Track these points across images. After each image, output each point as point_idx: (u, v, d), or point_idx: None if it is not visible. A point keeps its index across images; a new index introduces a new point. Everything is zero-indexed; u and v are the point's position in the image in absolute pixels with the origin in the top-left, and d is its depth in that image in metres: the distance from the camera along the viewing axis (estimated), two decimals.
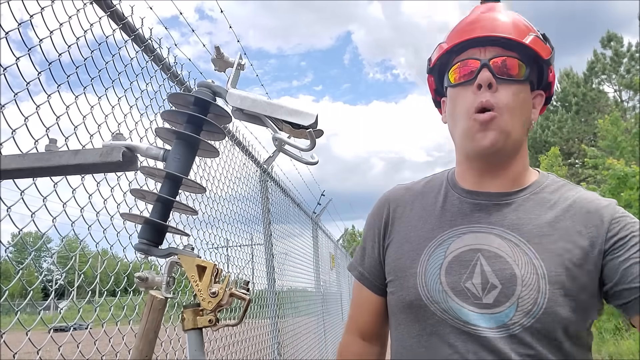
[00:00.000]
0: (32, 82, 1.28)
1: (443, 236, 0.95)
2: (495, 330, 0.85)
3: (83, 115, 1.50)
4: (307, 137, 0.74)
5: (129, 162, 0.69)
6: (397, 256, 1.00)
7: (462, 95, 0.93)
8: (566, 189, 0.97)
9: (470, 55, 0.93)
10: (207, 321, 0.67)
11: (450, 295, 0.89)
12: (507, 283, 0.86)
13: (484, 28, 0.93)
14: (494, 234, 0.91)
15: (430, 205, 1.02)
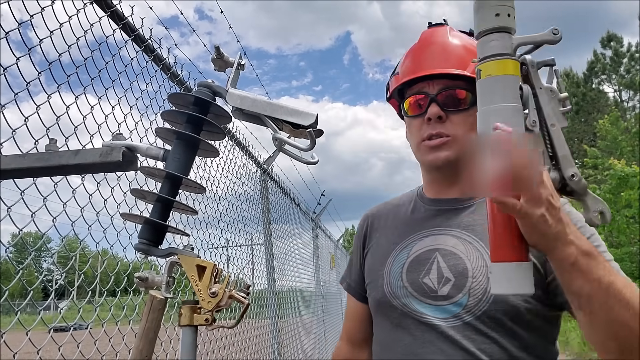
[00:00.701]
0: (32, 82, 1.28)
1: (408, 240, 1.07)
2: (450, 320, 0.94)
3: (83, 115, 1.50)
4: (307, 137, 0.74)
5: (129, 162, 0.69)
6: (372, 262, 1.13)
7: (416, 125, 1.05)
8: None
9: (420, 89, 1.04)
10: (204, 320, 0.67)
11: (410, 290, 1.00)
12: (459, 276, 0.95)
13: (431, 62, 1.03)
14: (450, 235, 1.02)
15: (401, 215, 1.15)
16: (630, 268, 8.57)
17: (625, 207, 8.53)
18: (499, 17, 0.69)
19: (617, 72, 22.56)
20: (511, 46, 0.69)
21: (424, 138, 1.02)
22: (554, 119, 0.72)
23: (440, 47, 1.05)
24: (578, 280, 0.71)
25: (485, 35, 0.71)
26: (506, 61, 0.69)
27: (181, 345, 0.67)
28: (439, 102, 1.01)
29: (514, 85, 0.69)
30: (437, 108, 1.00)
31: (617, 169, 8.23)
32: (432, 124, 1.01)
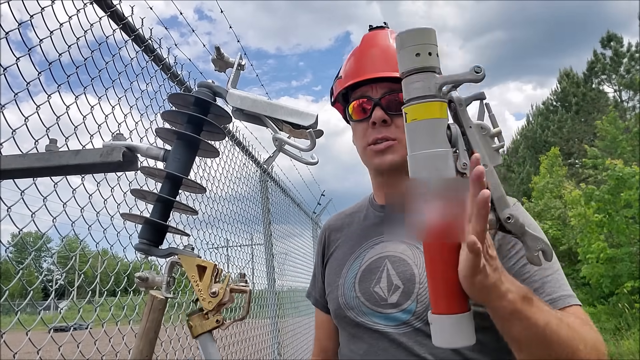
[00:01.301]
0: (32, 82, 1.28)
1: (360, 249, 1.07)
2: (402, 327, 0.95)
3: (83, 116, 1.50)
4: (307, 137, 0.74)
5: (129, 162, 0.69)
6: (328, 274, 1.14)
7: (361, 129, 1.05)
8: None
9: (363, 93, 1.04)
10: (215, 322, 0.67)
11: (362, 300, 1.00)
12: (407, 283, 0.96)
13: (374, 65, 1.03)
14: (399, 241, 1.02)
15: (355, 224, 1.15)
16: (630, 268, 8.56)
17: (625, 207, 8.53)
18: (420, 56, 0.67)
19: (617, 72, 22.55)
20: (435, 86, 0.67)
21: (370, 142, 1.02)
22: (486, 159, 0.70)
23: (381, 51, 1.05)
24: (516, 327, 0.72)
25: (408, 76, 0.68)
26: (431, 104, 0.67)
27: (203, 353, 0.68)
28: (383, 105, 1.01)
29: (441, 128, 0.67)
30: (382, 112, 1.00)
31: (617, 170, 8.23)
32: (377, 128, 1.01)
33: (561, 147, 20.43)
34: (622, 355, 8.00)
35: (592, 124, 16.31)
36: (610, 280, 8.77)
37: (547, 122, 24.24)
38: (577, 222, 9.94)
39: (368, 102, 1.03)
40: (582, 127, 22.20)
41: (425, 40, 0.68)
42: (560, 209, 12.96)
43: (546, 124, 24.29)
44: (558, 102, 24.77)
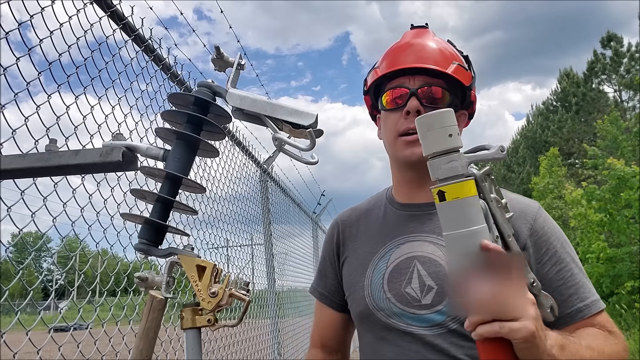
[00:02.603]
0: (32, 82, 1.28)
1: (385, 248, 1.05)
2: (435, 328, 0.93)
3: (83, 116, 1.50)
4: (307, 137, 0.74)
5: (129, 162, 0.69)
6: (349, 273, 1.10)
7: (393, 119, 1.04)
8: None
9: (400, 83, 1.03)
10: (206, 321, 0.67)
11: (393, 301, 0.98)
12: (441, 283, 0.94)
13: (414, 57, 1.03)
14: (427, 241, 1.00)
15: (373, 221, 1.12)
16: (631, 268, 8.56)
17: (625, 207, 8.52)
18: (452, 137, 0.68)
19: (617, 72, 22.54)
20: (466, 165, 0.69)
21: (401, 132, 1.01)
22: (507, 229, 0.72)
23: (420, 46, 1.05)
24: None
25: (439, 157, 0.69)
26: (467, 182, 0.68)
27: (186, 348, 0.67)
28: (419, 96, 1.00)
29: (478, 205, 0.68)
30: (417, 102, 0.99)
31: (617, 170, 8.22)
32: (410, 118, 0.99)
33: (561, 147, 20.42)
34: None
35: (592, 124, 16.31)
36: (610, 280, 8.76)
37: (547, 122, 24.22)
38: (578, 223, 9.93)
39: (404, 93, 1.02)
40: (582, 127, 22.19)
41: (452, 122, 0.69)
42: (561, 209, 12.95)
43: (546, 124, 24.28)
44: (558, 102, 24.76)
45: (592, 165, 10.61)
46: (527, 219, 0.97)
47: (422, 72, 1.01)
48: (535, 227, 0.96)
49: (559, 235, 0.97)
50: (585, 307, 0.92)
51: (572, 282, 0.93)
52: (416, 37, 1.08)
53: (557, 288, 0.92)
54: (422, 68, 1.01)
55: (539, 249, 0.95)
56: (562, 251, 0.95)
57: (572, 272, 0.93)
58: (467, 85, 1.03)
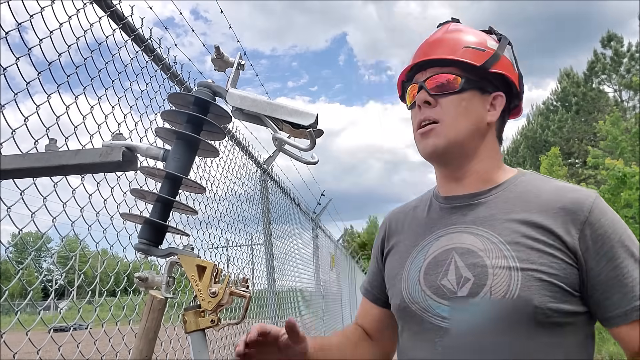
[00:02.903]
0: (31, 82, 1.28)
1: (424, 241, 1.03)
2: (471, 322, 0.89)
3: (83, 116, 1.50)
4: (307, 137, 0.73)
5: (129, 162, 0.69)
6: (391, 266, 1.10)
7: (413, 116, 1.06)
8: (543, 182, 1.00)
9: (415, 80, 1.05)
10: (209, 322, 0.67)
11: (428, 294, 0.96)
12: (479, 274, 0.90)
13: (427, 52, 1.04)
14: (467, 232, 0.97)
15: (419, 217, 1.11)
16: None
17: (625, 207, 8.52)
18: None
19: (617, 72, 22.54)
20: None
21: (417, 126, 1.02)
22: None
23: (435, 40, 1.06)
24: None
25: None
26: None
27: (192, 351, 0.67)
28: (427, 87, 1.00)
29: None
30: (425, 94, 1.00)
31: (617, 170, 8.21)
32: (422, 110, 1.00)
33: (561, 147, 20.41)
34: (623, 355, 7.98)
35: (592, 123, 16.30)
36: None
37: (547, 122, 24.23)
38: None
39: (415, 87, 1.04)
40: (582, 127, 22.19)
41: None
42: None
43: (546, 124, 24.28)
44: (558, 102, 24.76)
45: (593, 165, 10.60)
46: (581, 211, 0.90)
47: (430, 64, 1.02)
48: (591, 220, 0.90)
49: (618, 228, 0.90)
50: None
51: (628, 280, 0.87)
52: (436, 34, 1.08)
53: (612, 286, 0.88)
54: (428, 60, 1.02)
55: (595, 244, 0.89)
56: (620, 246, 0.89)
57: (628, 269, 0.87)
58: (479, 65, 0.99)
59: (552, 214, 0.91)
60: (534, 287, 0.86)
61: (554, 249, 0.88)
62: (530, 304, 0.85)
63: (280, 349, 0.94)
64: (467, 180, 1.03)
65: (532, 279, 0.86)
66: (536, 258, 0.88)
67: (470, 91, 0.99)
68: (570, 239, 0.89)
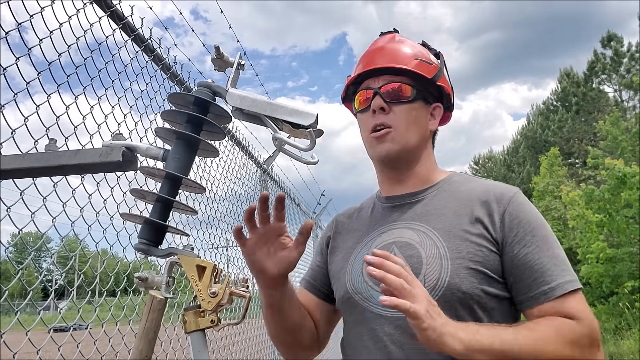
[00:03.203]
0: (31, 82, 1.28)
1: (368, 237, 1.12)
2: None
3: (83, 116, 1.49)
4: (307, 137, 0.73)
5: (129, 162, 0.69)
6: (336, 263, 1.17)
7: (364, 119, 1.11)
8: (473, 182, 1.11)
9: (367, 85, 1.11)
10: (209, 322, 0.67)
11: (370, 284, 1.03)
12: (414, 265, 0.99)
13: (378, 59, 1.10)
14: (406, 227, 1.07)
15: (363, 216, 1.20)
16: (631, 268, 8.55)
17: (625, 207, 8.52)
18: None
19: (617, 72, 22.53)
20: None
21: (370, 130, 1.07)
22: None
23: (383, 48, 1.13)
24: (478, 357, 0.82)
25: None
26: None
27: (192, 350, 0.67)
28: (382, 94, 1.07)
29: None
30: (380, 100, 1.06)
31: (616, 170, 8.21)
32: (376, 116, 1.07)
33: (561, 147, 20.41)
34: (622, 355, 7.99)
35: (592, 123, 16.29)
36: (610, 280, 8.75)
37: (548, 122, 24.22)
38: (576, 223, 9.93)
39: (369, 92, 1.09)
40: (582, 127, 22.18)
41: None
42: (560, 210, 12.95)
43: (546, 124, 24.27)
44: (558, 102, 24.75)
45: (593, 165, 10.60)
46: (502, 203, 1.01)
47: (384, 72, 1.08)
48: (510, 210, 1.00)
49: (532, 219, 1.00)
50: (549, 290, 0.94)
51: (538, 266, 0.96)
52: (384, 42, 1.16)
53: (524, 271, 0.96)
54: (383, 68, 1.08)
55: (511, 232, 0.98)
56: (532, 235, 0.98)
57: (539, 256, 0.96)
58: (430, 77, 1.09)
59: (478, 207, 1.02)
60: (462, 275, 0.95)
61: (481, 238, 0.99)
62: (460, 289, 0.94)
63: (270, 252, 0.92)
64: (409, 182, 1.12)
65: (461, 267, 0.96)
66: (464, 247, 0.98)
67: (418, 101, 1.10)
68: (493, 228, 0.99)
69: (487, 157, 33.95)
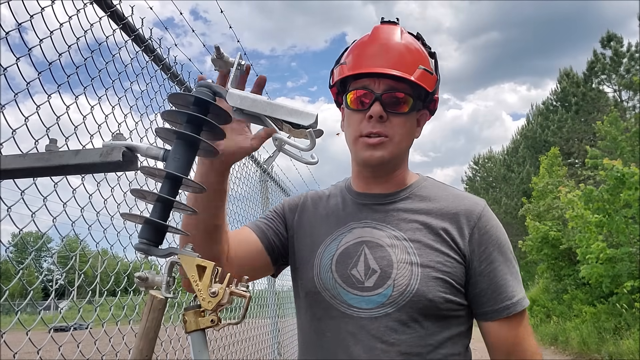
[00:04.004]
0: (32, 82, 1.28)
1: (337, 232, 1.10)
2: (375, 311, 0.99)
3: (83, 116, 1.50)
4: (307, 137, 0.74)
5: (129, 162, 0.69)
6: (301, 247, 1.14)
7: (356, 119, 1.07)
8: (441, 189, 1.14)
9: (365, 85, 1.05)
10: (209, 321, 0.66)
11: (339, 282, 1.03)
12: (385, 267, 1.00)
13: (380, 60, 1.04)
14: (377, 228, 1.07)
15: (332, 207, 1.17)
16: (630, 268, 8.56)
17: (624, 207, 8.52)
18: None
19: (617, 72, 22.52)
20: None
21: (363, 134, 1.04)
22: None
23: (388, 47, 1.05)
24: None
25: None
26: None
27: (192, 350, 0.67)
28: (383, 101, 1.02)
29: None
30: (380, 108, 1.02)
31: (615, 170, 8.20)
32: (372, 122, 1.03)
33: (561, 147, 20.40)
34: (622, 355, 7.99)
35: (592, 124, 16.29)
36: (610, 280, 8.75)
37: (547, 122, 24.22)
38: (575, 224, 9.93)
39: (368, 95, 1.04)
40: (582, 127, 22.18)
41: None
42: (561, 210, 12.95)
43: (546, 124, 24.27)
44: (558, 102, 24.75)
45: (592, 165, 10.59)
46: (472, 217, 1.05)
47: (386, 76, 1.03)
48: (479, 225, 1.05)
49: (499, 234, 1.06)
50: (511, 305, 1.02)
51: (503, 280, 1.03)
52: (385, 35, 1.08)
53: (489, 285, 1.03)
54: (387, 74, 1.02)
55: (479, 247, 1.03)
56: (500, 251, 1.04)
57: (504, 272, 1.04)
58: (430, 91, 1.07)
59: (448, 218, 1.05)
60: (430, 283, 0.98)
61: (449, 249, 1.02)
62: (427, 297, 0.97)
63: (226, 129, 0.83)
64: (385, 184, 1.12)
65: (429, 275, 0.99)
66: (434, 257, 1.01)
67: (413, 112, 1.08)
68: (462, 240, 1.03)
69: (487, 157, 33.96)
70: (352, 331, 0.99)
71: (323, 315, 1.05)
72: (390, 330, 0.97)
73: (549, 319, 12.34)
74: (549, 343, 11.04)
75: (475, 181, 33.43)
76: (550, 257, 13.34)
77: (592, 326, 9.76)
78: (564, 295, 12.69)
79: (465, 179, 34.93)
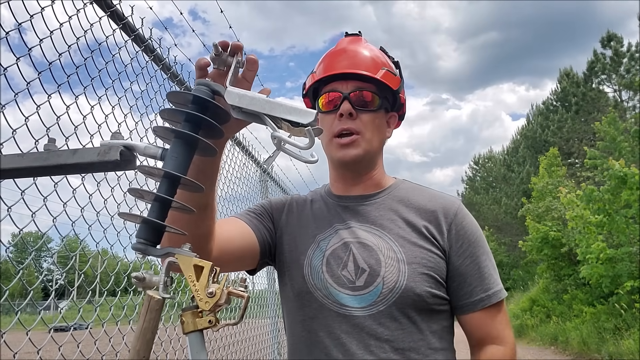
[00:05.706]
0: (32, 82, 1.28)
1: (324, 234, 1.14)
2: (367, 309, 1.03)
3: (83, 116, 1.50)
4: (306, 136, 0.73)
5: (127, 161, 0.69)
6: (290, 249, 1.16)
7: (329, 120, 1.12)
8: (418, 190, 1.19)
9: (334, 87, 1.12)
10: (207, 322, 0.66)
11: (330, 282, 1.07)
12: (373, 266, 1.05)
13: (347, 63, 1.12)
14: (361, 229, 1.11)
15: (316, 210, 1.21)
16: (630, 268, 8.55)
17: (625, 207, 8.51)
18: None
19: (617, 72, 22.49)
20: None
21: (335, 134, 1.10)
22: None
23: (354, 52, 1.15)
24: None
25: None
26: None
27: (190, 351, 0.67)
28: (351, 100, 1.09)
29: None
30: (349, 105, 1.08)
31: (616, 170, 8.19)
32: (343, 120, 1.09)
33: (561, 147, 20.39)
34: (622, 355, 7.99)
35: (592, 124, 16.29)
36: (610, 280, 8.74)
37: (547, 122, 24.20)
38: (575, 224, 9.92)
39: (338, 96, 1.10)
40: (582, 127, 22.15)
41: None
42: (560, 210, 12.94)
43: (546, 124, 24.25)
44: (558, 102, 24.73)
45: (592, 166, 10.58)
46: (449, 214, 1.11)
47: (354, 77, 1.10)
48: (456, 222, 1.10)
49: (475, 230, 1.12)
50: (486, 297, 1.07)
51: (479, 274, 1.08)
52: (350, 44, 1.17)
53: (466, 278, 1.08)
54: (354, 73, 1.10)
55: (457, 242, 1.09)
56: (476, 245, 1.10)
57: (480, 265, 1.09)
58: (395, 89, 1.14)
59: (427, 216, 1.11)
60: (417, 278, 1.03)
61: (431, 245, 1.07)
62: (415, 292, 1.02)
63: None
64: (363, 185, 1.17)
65: (416, 271, 1.04)
66: (418, 253, 1.06)
67: (381, 111, 1.14)
68: (441, 237, 1.09)
69: (487, 157, 33.94)
70: (346, 330, 1.03)
71: (315, 315, 1.07)
72: (382, 326, 1.01)
73: (549, 319, 12.34)
74: (549, 343, 11.03)
75: (475, 181, 33.41)
76: (551, 257, 13.33)
77: (592, 326, 9.76)
78: (564, 295, 12.69)
79: (466, 178, 34.93)
